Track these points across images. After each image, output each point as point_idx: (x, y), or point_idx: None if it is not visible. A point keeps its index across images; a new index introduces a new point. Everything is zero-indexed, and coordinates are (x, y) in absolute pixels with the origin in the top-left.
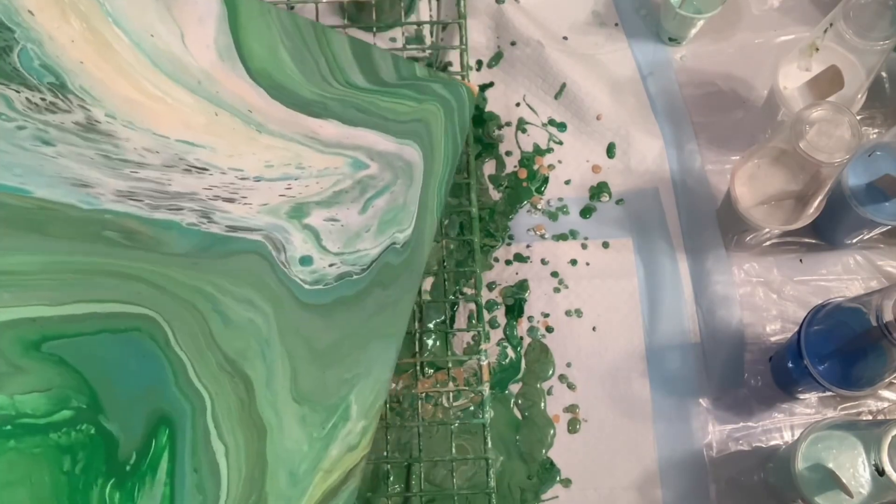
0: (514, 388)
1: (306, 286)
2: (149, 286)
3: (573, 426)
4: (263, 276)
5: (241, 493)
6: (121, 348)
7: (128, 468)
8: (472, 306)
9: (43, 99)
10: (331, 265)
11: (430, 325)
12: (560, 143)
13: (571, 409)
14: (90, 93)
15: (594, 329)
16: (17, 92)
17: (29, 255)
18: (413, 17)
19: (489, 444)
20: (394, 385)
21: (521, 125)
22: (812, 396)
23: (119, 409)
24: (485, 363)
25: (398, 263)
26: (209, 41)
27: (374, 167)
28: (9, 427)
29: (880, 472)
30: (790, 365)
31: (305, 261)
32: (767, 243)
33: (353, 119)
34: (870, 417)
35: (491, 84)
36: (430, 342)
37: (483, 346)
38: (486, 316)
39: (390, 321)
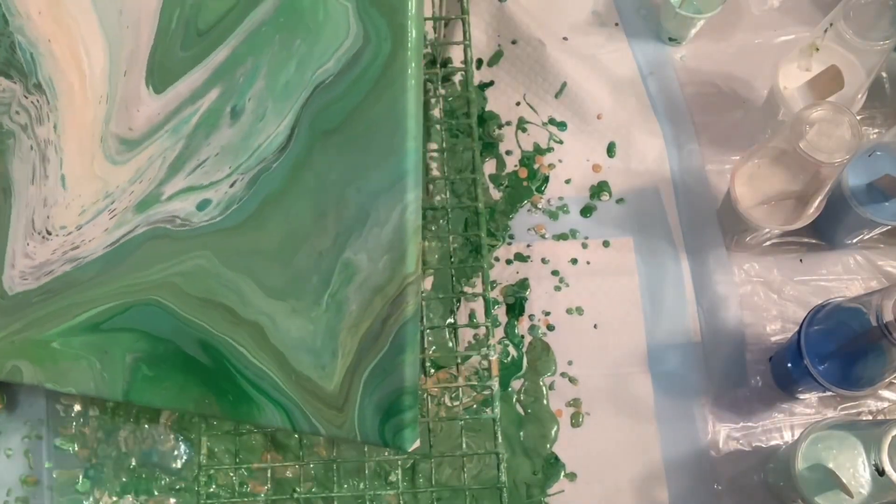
0: (516, 384)
1: (220, 217)
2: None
3: (576, 420)
4: (173, 242)
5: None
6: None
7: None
8: (473, 305)
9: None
10: (231, 185)
11: (435, 323)
12: (560, 142)
13: (574, 403)
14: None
15: (595, 327)
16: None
17: None
18: None
19: (500, 439)
20: None
21: (522, 124)
22: (812, 396)
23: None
24: (494, 358)
25: (348, 83)
26: None
27: (217, 89)
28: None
29: (880, 472)
30: (790, 365)
31: (202, 205)
32: (767, 243)
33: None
34: (870, 417)
35: (491, 83)
36: (427, 339)
37: (491, 342)
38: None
39: (376, 135)
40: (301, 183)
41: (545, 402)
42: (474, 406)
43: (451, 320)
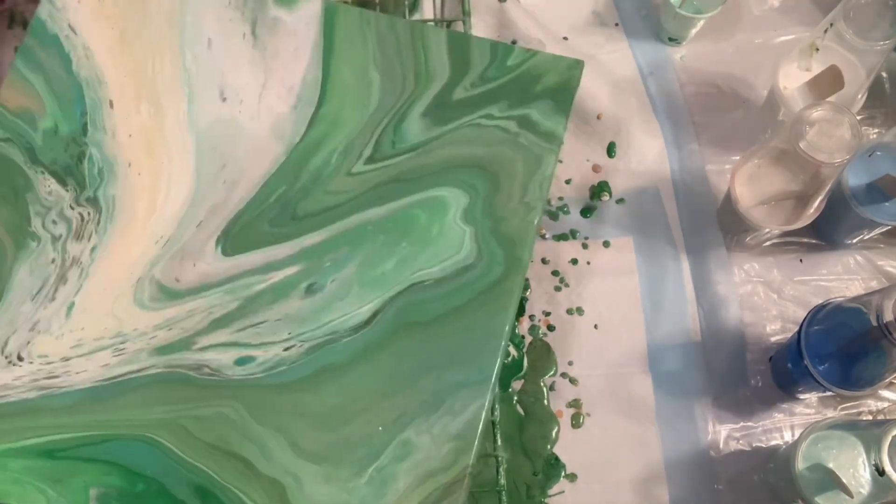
0: (517, 385)
1: (261, 375)
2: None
3: (576, 421)
4: (194, 388)
5: None
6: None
7: None
8: None
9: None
10: (287, 349)
11: None
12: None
13: (574, 403)
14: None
15: (595, 327)
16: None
17: None
18: (417, 16)
19: (499, 442)
20: None
21: None
22: (812, 396)
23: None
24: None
25: (451, 288)
26: (296, 80)
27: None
28: None
29: (880, 472)
30: (790, 365)
31: (243, 361)
32: (768, 243)
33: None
34: (870, 417)
35: None
36: None
37: None
38: None
39: (471, 336)
40: (373, 361)
41: (545, 402)
42: None
43: None
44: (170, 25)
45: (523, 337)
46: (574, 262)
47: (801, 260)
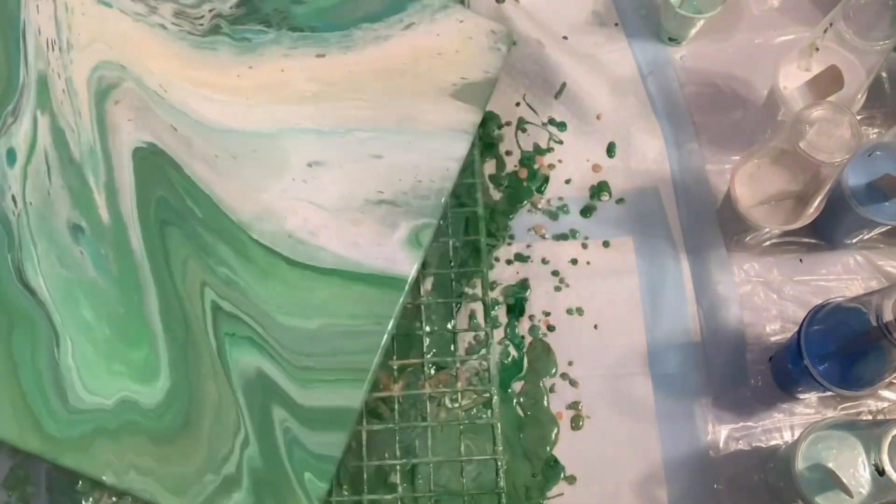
0: (517, 386)
1: None
2: None
3: (576, 423)
4: None
5: None
6: None
7: None
8: (473, 305)
9: None
10: None
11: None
12: (560, 142)
13: (574, 405)
14: None
15: (595, 327)
16: None
17: None
18: None
19: (499, 445)
20: (395, 386)
21: (522, 125)
22: (812, 396)
23: None
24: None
25: None
26: None
27: None
28: None
29: (880, 472)
30: (790, 365)
31: None
32: (767, 243)
33: None
34: (870, 417)
35: None
36: (427, 342)
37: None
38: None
39: None
40: None
41: (545, 404)
42: (474, 410)
43: (451, 323)
44: None
45: (523, 337)
46: (574, 262)
47: (801, 260)
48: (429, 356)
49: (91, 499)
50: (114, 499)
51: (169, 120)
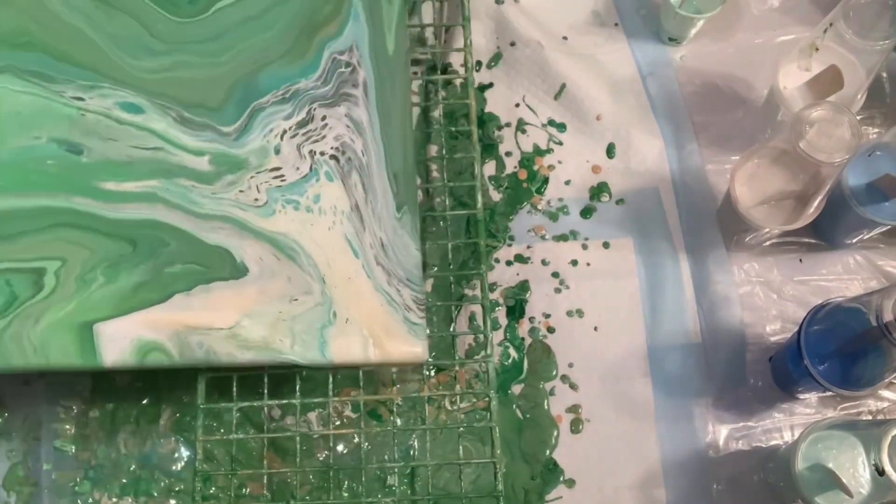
0: (517, 389)
1: None
2: None
3: (576, 426)
4: None
5: None
6: None
7: None
8: (473, 307)
9: None
10: None
11: (435, 326)
12: (560, 143)
13: (574, 409)
14: None
15: (596, 329)
16: None
17: None
18: (416, 20)
19: (497, 448)
20: (394, 388)
21: (521, 126)
22: (812, 396)
23: None
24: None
25: None
26: None
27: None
28: None
29: (880, 472)
30: (790, 365)
31: None
32: (767, 243)
33: None
34: (870, 417)
35: (490, 85)
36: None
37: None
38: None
39: None
40: None
41: (545, 407)
42: (473, 411)
43: (452, 326)
44: None
45: (523, 339)
46: (574, 263)
47: (800, 260)
48: (428, 358)
49: (91, 499)
50: (114, 499)
51: None
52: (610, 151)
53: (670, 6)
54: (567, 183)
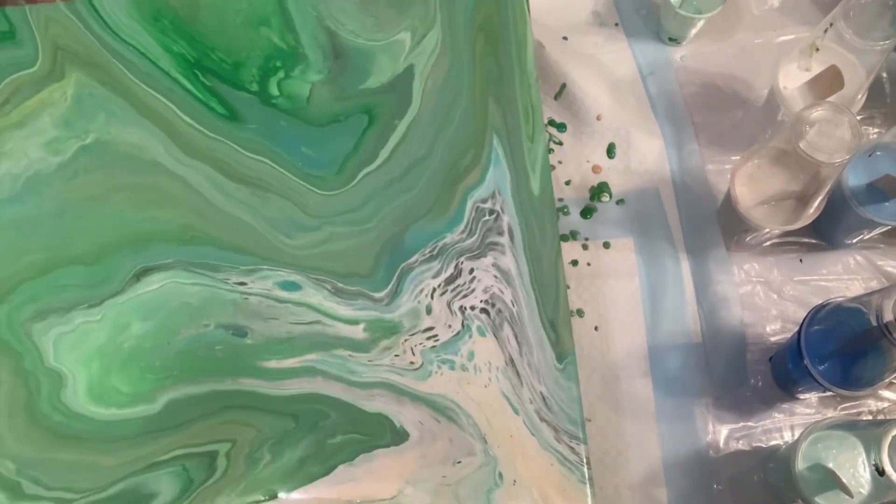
0: None
1: None
2: None
3: None
4: None
5: None
6: None
7: None
8: None
9: None
10: None
11: None
12: (560, 143)
13: None
14: None
15: (596, 329)
16: None
17: None
18: None
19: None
20: None
21: None
22: (812, 396)
23: None
24: None
25: None
26: None
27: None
28: None
29: (880, 472)
30: (790, 365)
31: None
32: (768, 243)
33: None
34: (870, 417)
35: None
36: None
37: None
38: None
39: None
40: None
41: None
42: None
43: None
44: None
45: None
46: (574, 263)
47: (801, 260)
48: None
49: None
50: None
51: None
52: (610, 151)
53: (670, 6)
54: (567, 183)
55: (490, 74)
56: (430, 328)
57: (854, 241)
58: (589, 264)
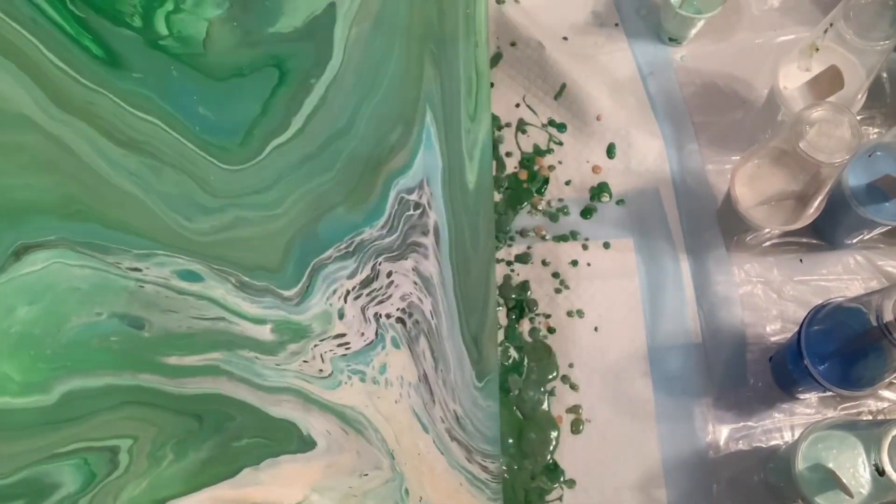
0: (517, 388)
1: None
2: None
3: (576, 427)
4: None
5: None
6: None
7: None
8: None
9: None
10: None
11: None
12: (560, 143)
13: (574, 409)
14: None
15: (596, 329)
16: None
17: None
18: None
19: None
20: None
21: (521, 126)
22: (812, 396)
23: None
24: None
25: None
26: None
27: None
28: None
29: (880, 472)
30: (790, 365)
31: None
32: (768, 243)
33: None
34: (870, 417)
35: (491, 85)
36: None
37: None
38: None
39: None
40: None
41: (546, 407)
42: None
43: None
44: None
45: (524, 339)
46: (574, 263)
47: (801, 260)
48: None
49: None
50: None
51: None
52: (610, 151)
53: (670, 6)
54: (567, 183)
55: (430, 25)
56: (342, 335)
57: (854, 241)
58: (589, 264)
